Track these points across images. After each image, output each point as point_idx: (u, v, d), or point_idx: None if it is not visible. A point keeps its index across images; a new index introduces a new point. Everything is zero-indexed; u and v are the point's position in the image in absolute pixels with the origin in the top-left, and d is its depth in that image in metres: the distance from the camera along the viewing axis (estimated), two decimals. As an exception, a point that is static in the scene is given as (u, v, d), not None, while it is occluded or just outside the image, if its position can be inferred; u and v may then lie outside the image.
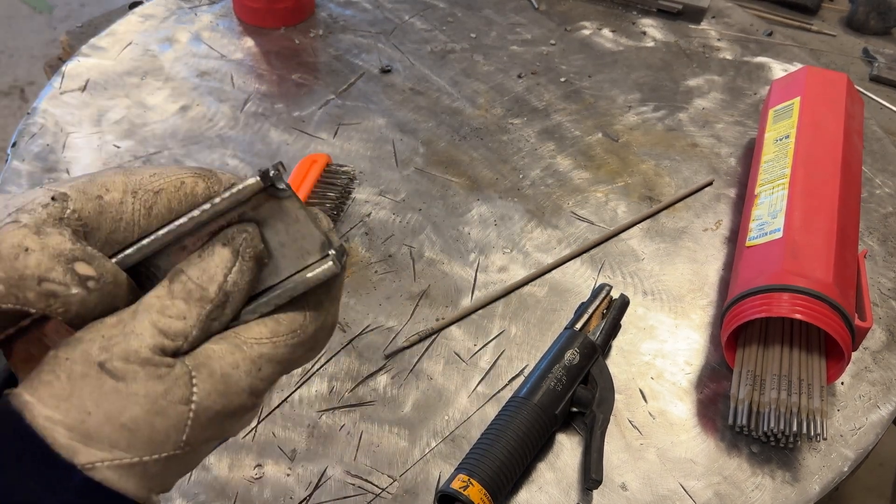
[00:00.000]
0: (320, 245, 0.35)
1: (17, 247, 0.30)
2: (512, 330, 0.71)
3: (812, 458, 0.63)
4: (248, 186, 0.33)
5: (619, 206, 0.83)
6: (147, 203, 0.34)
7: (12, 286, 0.30)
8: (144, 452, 0.31)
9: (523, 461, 0.58)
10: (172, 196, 0.35)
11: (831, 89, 0.83)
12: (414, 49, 1.02)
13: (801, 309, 0.61)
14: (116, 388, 0.30)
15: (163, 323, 0.32)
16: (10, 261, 0.30)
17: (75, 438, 0.30)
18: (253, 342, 0.33)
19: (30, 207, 0.32)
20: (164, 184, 0.35)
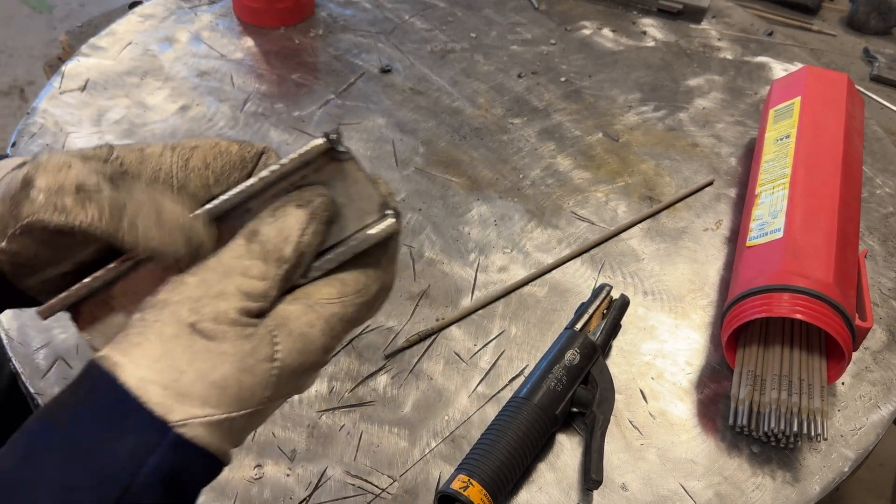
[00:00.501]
0: (379, 205, 0.37)
1: (62, 164, 0.32)
2: (512, 330, 0.70)
3: (812, 459, 0.63)
4: (315, 147, 0.35)
5: (620, 205, 0.83)
6: (184, 156, 0.36)
7: (52, 195, 0.32)
8: (232, 408, 0.32)
9: (523, 461, 0.58)
10: (208, 152, 0.37)
11: (832, 89, 0.82)
12: (414, 49, 1.02)
13: (802, 309, 0.61)
14: (208, 347, 0.32)
15: (246, 285, 0.33)
16: (54, 173, 0.32)
17: (169, 397, 0.31)
18: (325, 302, 0.35)
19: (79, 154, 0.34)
20: (199, 142, 0.37)
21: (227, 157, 0.37)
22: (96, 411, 0.31)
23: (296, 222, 0.34)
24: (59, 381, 0.64)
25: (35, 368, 0.65)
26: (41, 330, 0.68)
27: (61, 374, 0.65)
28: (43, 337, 0.67)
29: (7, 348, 0.66)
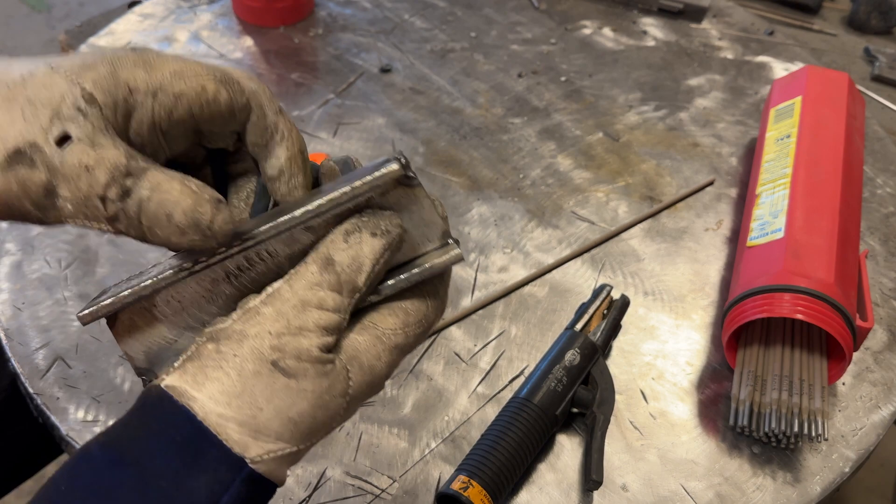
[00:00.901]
0: (442, 233, 0.37)
1: (79, 166, 0.31)
2: (512, 330, 0.70)
3: (813, 459, 0.62)
4: (390, 173, 0.34)
5: (620, 205, 0.83)
6: (167, 107, 0.34)
7: (79, 205, 0.32)
8: (303, 443, 0.33)
9: (524, 462, 0.58)
10: (193, 101, 0.35)
11: (832, 89, 0.82)
12: (414, 48, 1.02)
13: (803, 309, 0.60)
14: (288, 385, 0.32)
15: (324, 319, 0.33)
16: (76, 181, 0.31)
17: (247, 433, 0.31)
18: (389, 333, 0.36)
19: (67, 112, 0.32)
20: (184, 87, 0.35)
21: (214, 106, 0.35)
22: (171, 447, 0.31)
23: (370, 252, 0.34)
24: (58, 381, 0.64)
25: (34, 368, 0.65)
26: (40, 330, 0.67)
27: (60, 375, 0.64)
28: (42, 337, 0.67)
29: (6, 348, 0.66)
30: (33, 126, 0.32)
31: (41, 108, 0.32)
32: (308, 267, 0.34)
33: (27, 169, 0.31)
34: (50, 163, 0.31)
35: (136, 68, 0.34)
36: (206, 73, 0.35)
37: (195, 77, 0.35)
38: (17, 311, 0.69)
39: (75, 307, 0.69)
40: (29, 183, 0.31)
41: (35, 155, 0.31)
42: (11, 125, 0.32)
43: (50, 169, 0.31)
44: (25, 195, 0.32)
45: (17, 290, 0.71)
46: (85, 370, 0.65)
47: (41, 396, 0.63)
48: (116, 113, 0.33)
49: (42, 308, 0.69)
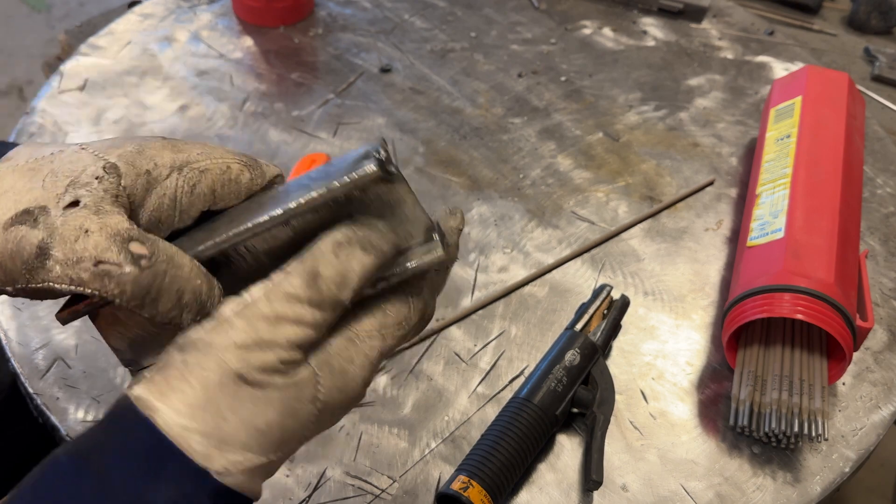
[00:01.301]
0: (426, 229, 0.35)
1: (78, 229, 0.31)
2: (512, 330, 0.70)
3: (813, 459, 0.62)
4: (367, 175, 0.33)
5: (620, 205, 0.83)
6: (191, 181, 0.35)
7: (68, 267, 0.31)
8: (274, 453, 0.32)
9: (524, 462, 0.58)
10: (216, 178, 0.35)
11: (833, 89, 0.82)
12: (414, 48, 1.02)
13: (803, 309, 0.60)
14: (254, 395, 0.31)
15: (299, 335, 0.32)
16: (71, 243, 0.31)
17: (211, 445, 0.30)
18: (365, 336, 0.34)
19: (85, 181, 0.32)
20: (210, 164, 0.35)
21: (235, 186, 0.36)
22: (134, 458, 0.30)
23: (360, 269, 0.33)
24: (57, 381, 0.64)
25: (34, 369, 0.65)
26: (40, 330, 0.67)
27: (60, 375, 0.64)
28: (42, 337, 0.67)
29: (6, 348, 0.66)
30: (50, 193, 0.32)
31: (62, 177, 0.33)
32: (291, 279, 0.32)
33: (28, 228, 0.31)
34: (51, 224, 0.31)
35: (164, 149, 0.35)
36: (230, 155, 0.36)
37: (221, 157, 0.36)
38: (17, 311, 0.69)
39: (75, 307, 0.69)
40: (25, 241, 0.31)
41: (40, 216, 0.32)
42: (30, 192, 0.32)
43: (49, 229, 0.31)
44: (19, 253, 0.31)
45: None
46: (85, 370, 0.65)
47: (41, 396, 0.63)
48: (137, 182, 0.33)
49: (42, 308, 0.69)
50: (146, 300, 0.31)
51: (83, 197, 0.32)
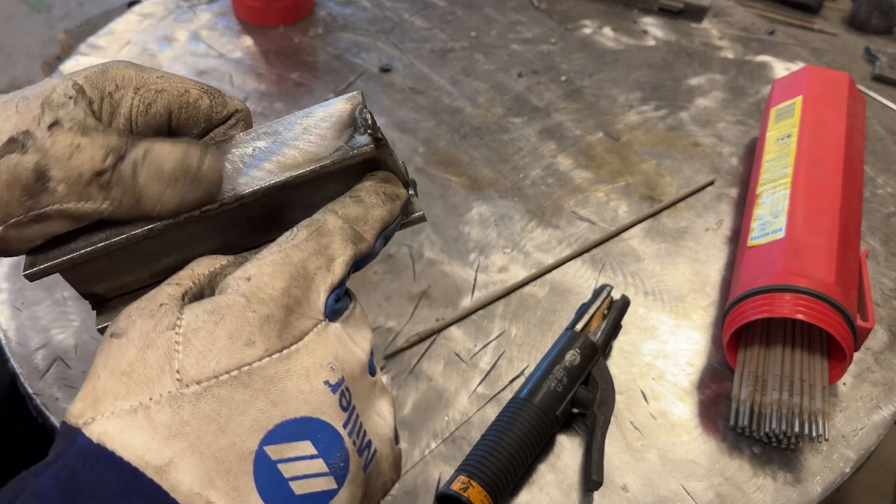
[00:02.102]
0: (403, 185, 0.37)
1: (70, 146, 0.31)
2: (512, 330, 0.70)
3: (814, 459, 0.62)
4: (363, 154, 0.34)
5: (620, 205, 0.83)
6: (147, 100, 0.35)
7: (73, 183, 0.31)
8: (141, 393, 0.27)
9: (524, 462, 0.58)
10: (173, 100, 0.35)
11: (833, 88, 0.82)
12: (414, 48, 1.02)
13: (803, 309, 0.60)
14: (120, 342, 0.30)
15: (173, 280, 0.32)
16: (66, 161, 0.31)
17: (87, 404, 0.28)
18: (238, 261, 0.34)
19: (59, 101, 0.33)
20: (167, 86, 0.35)
21: (194, 111, 0.36)
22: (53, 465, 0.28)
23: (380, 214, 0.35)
24: (57, 381, 0.64)
25: (34, 369, 0.65)
26: (39, 331, 0.67)
27: (59, 375, 0.64)
28: (41, 338, 0.67)
29: (5, 348, 0.66)
30: (26, 116, 0.32)
31: (33, 100, 0.33)
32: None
33: (19, 155, 0.31)
34: (41, 146, 0.31)
35: (127, 69, 0.35)
36: (191, 81, 0.36)
37: (180, 82, 0.36)
38: (17, 311, 0.69)
39: (74, 307, 0.69)
40: (20, 168, 0.31)
41: (27, 141, 0.31)
42: (6, 120, 0.32)
43: (41, 151, 0.31)
44: (16, 181, 0.31)
45: (16, 290, 0.71)
46: (84, 370, 0.65)
47: (40, 397, 0.63)
48: (102, 106, 0.34)
49: (41, 308, 0.69)
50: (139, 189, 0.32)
51: (63, 118, 0.32)
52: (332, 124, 0.35)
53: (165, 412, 0.27)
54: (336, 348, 0.31)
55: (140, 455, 0.26)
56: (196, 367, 0.28)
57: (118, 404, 0.27)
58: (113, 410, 0.27)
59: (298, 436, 0.28)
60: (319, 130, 0.35)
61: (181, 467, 0.26)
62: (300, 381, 0.29)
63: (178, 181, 0.32)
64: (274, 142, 0.35)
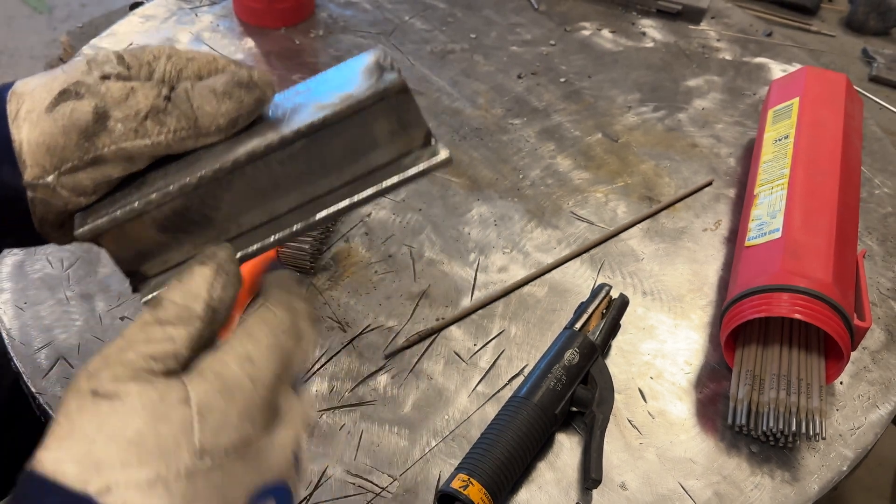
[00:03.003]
0: (424, 133, 0.37)
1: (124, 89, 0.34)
2: (512, 330, 0.71)
3: (811, 458, 0.63)
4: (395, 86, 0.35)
5: (619, 206, 0.83)
6: (178, 66, 0.37)
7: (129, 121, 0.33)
8: (160, 464, 0.29)
9: (523, 461, 0.58)
10: (203, 66, 0.37)
11: (830, 90, 0.83)
12: (414, 49, 1.02)
13: (801, 309, 0.61)
14: (113, 407, 0.29)
15: (150, 349, 0.31)
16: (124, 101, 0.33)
17: (85, 468, 0.28)
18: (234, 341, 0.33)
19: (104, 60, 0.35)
20: (197, 56, 0.37)
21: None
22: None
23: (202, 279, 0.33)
24: (60, 380, 0.64)
25: (37, 368, 0.65)
26: (42, 330, 0.68)
27: (63, 374, 0.65)
28: (44, 337, 0.67)
29: (9, 348, 0.67)
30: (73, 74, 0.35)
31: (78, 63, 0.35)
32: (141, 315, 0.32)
33: (75, 101, 0.33)
34: (96, 91, 0.33)
35: (161, 46, 0.38)
36: (220, 56, 0.38)
37: (209, 53, 0.38)
38: (20, 310, 0.69)
39: (77, 307, 0.70)
40: (77, 112, 0.33)
41: (80, 89, 0.34)
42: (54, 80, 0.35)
43: (98, 95, 0.33)
44: (73, 125, 0.33)
45: (19, 289, 0.71)
46: (87, 370, 0.65)
47: (43, 396, 0.63)
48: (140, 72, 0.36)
49: (44, 308, 0.70)
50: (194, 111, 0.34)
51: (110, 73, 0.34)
52: (362, 71, 0.36)
53: (182, 483, 0.29)
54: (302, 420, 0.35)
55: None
56: (212, 442, 0.30)
57: (132, 473, 0.28)
58: (129, 479, 0.28)
59: (269, 496, 0.32)
60: (351, 77, 0.37)
61: None
62: (279, 454, 0.33)
63: (231, 94, 0.34)
64: (310, 93, 0.37)
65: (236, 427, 0.31)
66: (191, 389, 0.30)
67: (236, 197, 0.36)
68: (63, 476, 0.28)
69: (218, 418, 0.30)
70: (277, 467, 0.32)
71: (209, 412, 0.30)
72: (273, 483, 0.32)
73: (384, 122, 0.36)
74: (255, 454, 0.31)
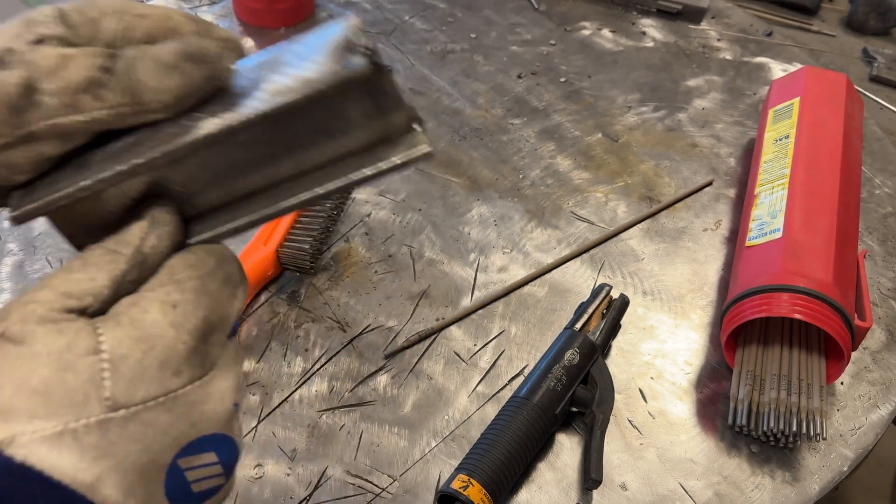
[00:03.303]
0: (407, 118, 0.33)
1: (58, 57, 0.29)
2: (512, 330, 0.71)
3: (812, 458, 0.63)
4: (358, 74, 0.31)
5: (619, 206, 0.83)
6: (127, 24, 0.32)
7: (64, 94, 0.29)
8: (67, 416, 0.27)
9: (523, 461, 0.58)
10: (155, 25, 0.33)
11: (831, 89, 0.83)
12: (414, 49, 1.02)
13: (801, 309, 0.61)
14: (19, 353, 0.28)
15: (66, 286, 0.29)
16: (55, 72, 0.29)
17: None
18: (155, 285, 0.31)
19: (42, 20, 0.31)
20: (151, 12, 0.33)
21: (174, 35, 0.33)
22: None
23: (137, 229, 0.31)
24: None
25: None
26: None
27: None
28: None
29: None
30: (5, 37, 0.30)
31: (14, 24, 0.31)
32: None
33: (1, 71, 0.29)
34: (25, 59, 0.29)
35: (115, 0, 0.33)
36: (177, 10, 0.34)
37: (165, 9, 0.34)
38: (19, 311, 0.69)
39: (77, 307, 0.70)
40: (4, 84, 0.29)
41: (8, 56, 0.30)
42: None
43: (26, 64, 0.29)
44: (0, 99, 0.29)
45: (18, 289, 0.71)
46: (86, 370, 0.65)
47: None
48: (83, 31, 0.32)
49: (43, 308, 0.69)
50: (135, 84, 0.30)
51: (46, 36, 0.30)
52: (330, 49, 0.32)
53: (94, 434, 0.28)
54: (239, 367, 0.33)
55: (71, 475, 0.27)
56: (125, 394, 0.28)
57: (39, 425, 0.27)
58: (34, 431, 0.27)
59: (206, 448, 0.31)
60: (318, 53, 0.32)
61: (108, 483, 0.28)
62: (216, 405, 0.31)
63: (178, 67, 0.30)
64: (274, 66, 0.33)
65: (155, 378, 0.29)
66: (103, 336, 0.29)
67: (186, 179, 0.33)
68: None
69: (133, 368, 0.28)
70: (215, 418, 0.31)
71: (122, 362, 0.28)
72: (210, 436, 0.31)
73: (355, 105, 0.33)
74: (184, 405, 0.30)
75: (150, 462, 0.29)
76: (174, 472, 0.30)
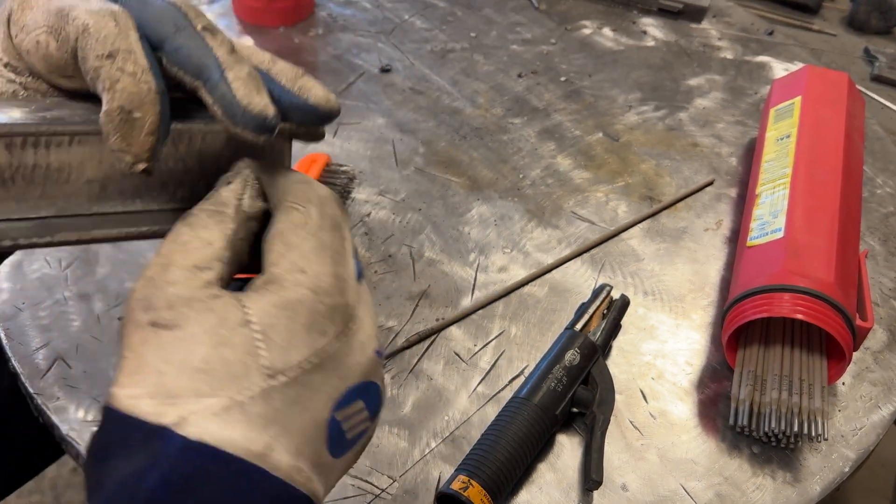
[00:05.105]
0: None
1: None
2: (512, 330, 0.70)
3: (813, 459, 0.62)
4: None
5: (620, 205, 0.83)
6: None
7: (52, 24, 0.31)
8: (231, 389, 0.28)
9: (524, 462, 0.58)
10: None
11: (832, 89, 0.82)
12: (414, 48, 1.02)
13: (803, 309, 0.60)
14: (175, 336, 0.29)
15: (190, 258, 0.30)
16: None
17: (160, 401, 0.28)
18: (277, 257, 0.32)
19: None
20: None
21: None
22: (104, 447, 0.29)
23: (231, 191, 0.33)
24: (58, 381, 0.64)
25: (35, 369, 0.65)
26: (41, 330, 0.68)
27: (60, 375, 0.64)
28: (42, 337, 0.67)
29: (6, 348, 0.66)
30: None
31: None
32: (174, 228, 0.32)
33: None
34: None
35: None
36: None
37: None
38: (18, 310, 0.69)
39: (76, 307, 0.69)
40: None
41: None
42: None
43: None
44: None
45: (17, 289, 0.71)
46: (85, 370, 0.65)
47: (41, 396, 0.63)
48: None
49: (42, 308, 0.69)
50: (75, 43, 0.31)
51: None
52: None
53: (258, 404, 0.29)
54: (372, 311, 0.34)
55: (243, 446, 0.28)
56: (282, 360, 0.30)
57: (206, 402, 0.28)
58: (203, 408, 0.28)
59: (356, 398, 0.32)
60: None
61: (278, 449, 0.29)
62: (359, 355, 0.32)
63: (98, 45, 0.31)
64: None
65: (304, 340, 0.30)
66: (249, 308, 0.30)
67: None
68: (139, 411, 0.28)
69: (283, 334, 0.30)
70: (360, 367, 0.32)
71: (272, 330, 0.30)
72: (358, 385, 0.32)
73: None
74: (333, 361, 0.31)
75: (312, 421, 0.30)
76: (333, 426, 0.31)
